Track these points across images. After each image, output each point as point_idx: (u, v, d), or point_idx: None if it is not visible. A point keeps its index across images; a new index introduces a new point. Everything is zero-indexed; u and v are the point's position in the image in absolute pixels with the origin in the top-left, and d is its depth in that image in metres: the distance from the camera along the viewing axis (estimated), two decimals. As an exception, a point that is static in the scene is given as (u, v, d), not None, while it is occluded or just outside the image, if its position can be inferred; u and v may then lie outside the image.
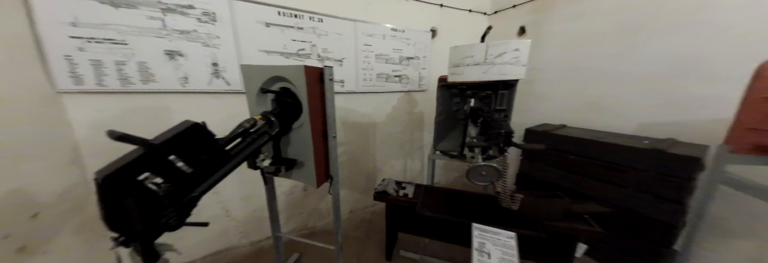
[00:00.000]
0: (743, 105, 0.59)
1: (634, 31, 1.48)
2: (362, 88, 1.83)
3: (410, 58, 2.01)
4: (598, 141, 1.35)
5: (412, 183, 1.37)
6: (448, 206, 1.16)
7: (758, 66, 0.58)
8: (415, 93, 2.14)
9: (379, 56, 1.85)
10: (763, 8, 1.07)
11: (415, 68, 2.06)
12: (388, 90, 1.98)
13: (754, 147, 0.58)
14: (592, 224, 0.94)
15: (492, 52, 1.03)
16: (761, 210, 1.08)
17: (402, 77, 2.01)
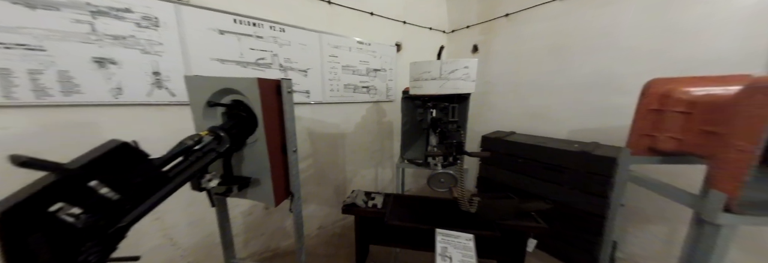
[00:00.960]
0: (636, 115, 0.75)
1: (563, 51, 1.78)
2: (329, 98, 1.82)
3: (377, 70, 2.07)
4: (539, 146, 1.55)
5: (381, 193, 1.37)
6: (416, 213, 1.18)
7: (644, 85, 0.74)
8: (383, 103, 2.20)
9: (346, 67, 1.87)
10: (653, 33, 1.38)
11: (383, 79, 2.13)
12: (357, 100, 1.99)
13: (648, 149, 0.73)
14: (539, 220, 1.05)
15: (445, 69, 1.13)
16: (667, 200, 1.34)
17: (370, 88, 2.06)
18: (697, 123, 0.59)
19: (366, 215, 1.21)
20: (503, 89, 2.20)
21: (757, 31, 1.09)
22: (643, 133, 0.72)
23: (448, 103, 1.32)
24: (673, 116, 0.65)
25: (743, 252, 1.15)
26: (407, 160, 1.42)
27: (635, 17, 1.43)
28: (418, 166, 1.39)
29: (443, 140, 1.07)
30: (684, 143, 0.62)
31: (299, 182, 0.86)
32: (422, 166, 1.37)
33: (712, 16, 1.20)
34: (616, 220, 1.50)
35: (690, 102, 0.62)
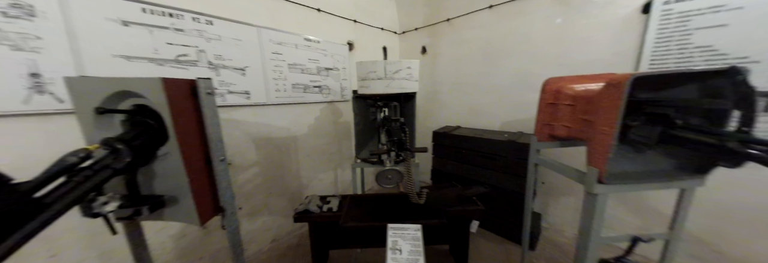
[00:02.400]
0: (539, 108, 0.89)
1: (493, 55, 2.02)
2: (275, 99, 1.68)
3: (329, 69, 2.00)
4: (477, 137, 1.74)
5: (337, 196, 1.34)
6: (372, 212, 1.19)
7: (543, 83, 0.89)
8: (338, 103, 2.14)
9: (293, 66, 1.76)
10: (557, 40, 1.67)
11: (336, 78, 2.07)
12: (309, 101, 1.89)
13: (549, 136, 0.88)
14: (478, 203, 1.17)
15: (390, 69, 1.16)
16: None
17: (322, 88, 1.98)
18: (579, 113, 0.74)
19: (320, 220, 1.17)
20: (449, 87, 2.39)
21: (624, 39, 1.43)
22: (544, 123, 0.87)
23: (397, 102, 1.36)
24: (563, 108, 0.80)
25: (629, 211, 1.51)
26: (362, 159, 1.42)
27: (543, 27, 1.72)
28: (373, 164, 1.40)
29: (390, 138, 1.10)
30: (572, 129, 0.78)
31: (232, 195, 0.77)
32: (377, 164, 1.39)
33: (595, 27, 1.52)
34: (537, 196, 1.81)
35: (573, 96, 0.77)
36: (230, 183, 0.77)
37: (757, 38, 1.11)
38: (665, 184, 0.64)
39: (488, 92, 2.08)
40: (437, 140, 2.06)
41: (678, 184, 0.64)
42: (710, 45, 1.20)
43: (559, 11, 1.64)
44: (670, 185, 0.64)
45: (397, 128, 1.09)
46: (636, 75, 0.55)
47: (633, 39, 1.40)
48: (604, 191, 0.64)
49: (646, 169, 0.67)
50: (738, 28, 1.14)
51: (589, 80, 0.78)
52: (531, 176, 0.96)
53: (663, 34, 1.31)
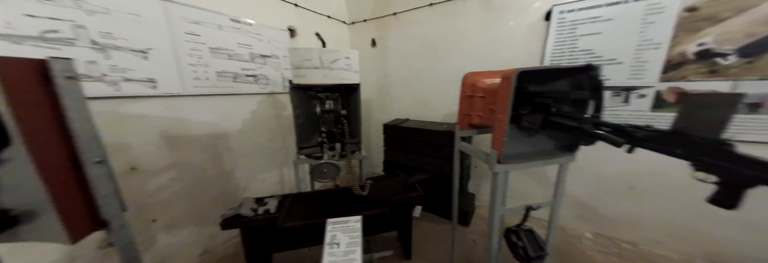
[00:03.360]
0: (460, 100, 0.99)
1: (435, 51, 2.13)
2: (194, 89, 1.43)
3: (266, 56, 1.80)
4: (422, 129, 1.85)
5: (276, 196, 1.25)
6: (317, 209, 1.15)
7: (462, 77, 0.98)
8: (281, 95, 1.97)
9: (217, 51, 1.52)
10: (485, 40, 1.86)
11: (276, 67, 1.88)
12: (241, 92, 1.68)
13: (469, 125, 0.99)
14: (419, 189, 1.26)
15: (326, 58, 1.10)
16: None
17: (259, 77, 1.77)
18: (488, 104, 0.85)
19: (255, 224, 1.08)
20: (398, 81, 2.45)
21: (533, 41, 1.68)
22: (464, 113, 0.97)
23: (339, 93, 1.32)
24: (477, 100, 0.91)
25: (538, 185, 1.84)
26: (305, 155, 1.35)
27: (474, 28, 1.89)
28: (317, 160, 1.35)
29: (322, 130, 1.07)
30: (483, 118, 0.89)
31: (120, 205, 0.63)
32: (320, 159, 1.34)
33: (513, 29, 1.75)
34: (471, 179, 2.06)
35: (484, 89, 0.88)
36: (117, 191, 0.63)
37: (621, 44, 1.44)
38: (547, 161, 0.79)
39: (433, 86, 2.21)
40: (388, 133, 2.11)
41: (556, 161, 0.81)
42: (590, 49, 1.52)
43: (486, 15, 1.83)
44: (551, 162, 0.80)
45: (330, 121, 1.06)
46: (520, 70, 0.64)
47: (539, 41, 1.66)
48: (503, 170, 0.76)
49: (535, 149, 0.82)
50: (609, 36, 1.46)
51: (496, 75, 0.90)
52: (456, 161, 1.08)
53: (559, 38, 1.59)
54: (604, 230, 1.67)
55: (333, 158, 1.21)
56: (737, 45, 1.20)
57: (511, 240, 0.87)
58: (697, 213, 1.35)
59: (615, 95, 1.49)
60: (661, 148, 0.55)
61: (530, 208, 0.84)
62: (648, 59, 1.38)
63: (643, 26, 1.37)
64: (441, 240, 1.64)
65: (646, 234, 1.54)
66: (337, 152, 1.22)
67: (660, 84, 1.37)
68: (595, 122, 0.66)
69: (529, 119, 0.75)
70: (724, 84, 1.24)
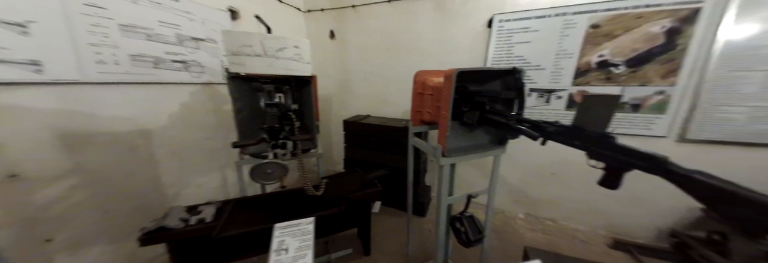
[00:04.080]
0: (412, 97, 1.00)
1: (394, 49, 2.15)
2: (98, 76, 1.15)
3: (199, 39, 1.54)
4: (382, 125, 1.87)
5: (213, 202, 1.09)
6: (266, 214, 1.05)
7: (414, 75, 1.00)
8: (220, 86, 1.71)
9: (129, 29, 1.23)
10: (439, 41, 1.94)
11: (213, 53, 1.63)
12: (166, 81, 1.41)
13: (420, 121, 1.02)
14: (378, 185, 1.26)
15: (271, 46, 0.99)
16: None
17: (189, 64, 1.51)
18: (435, 101, 0.89)
19: (185, 237, 0.92)
20: (359, 76, 2.40)
21: (478, 45, 1.84)
22: (416, 110, 1.00)
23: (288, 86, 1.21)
24: (427, 97, 0.95)
25: (481, 175, 2.04)
26: (250, 154, 1.21)
27: (430, 28, 1.96)
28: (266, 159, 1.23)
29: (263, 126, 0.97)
30: (432, 115, 0.94)
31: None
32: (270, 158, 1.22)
33: (462, 33, 1.87)
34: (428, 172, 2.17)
35: (433, 87, 0.92)
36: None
37: (544, 53, 1.66)
38: (484, 154, 0.88)
39: (393, 83, 2.23)
40: (348, 129, 2.06)
41: (491, 153, 0.90)
42: (522, 55, 1.72)
43: (440, 17, 1.91)
44: (487, 154, 0.89)
45: (274, 116, 0.97)
46: (458, 70, 0.69)
47: (483, 46, 1.82)
48: (447, 162, 0.81)
49: (474, 143, 0.90)
50: (536, 45, 1.67)
51: (441, 74, 0.94)
52: (410, 156, 1.11)
53: (498, 44, 1.77)
54: (533, 211, 1.96)
55: (284, 157, 1.10)
56: (626, 57, 1.50)
57: (455, 226, 0.94)
58: (598, 193, 1.68)
59: (540, 96, 1.73)
60: (565, 140, 0.65)
61: (471, 196, 0.92)
62: (564, 66, 1.64)
63: (561, 38, 1.61)
64: (400, 232, 1.70)
65: (563, 212, 1.86)
66: (289, 150, 1.12)
67: (572, 87, 1.65)
68: (518, 119, 0.75)
69: (468, 116, 0.81)
70: (615, 89, 1.55)
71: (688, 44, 1.37)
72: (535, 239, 1.69)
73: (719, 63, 1.33)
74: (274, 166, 0.81)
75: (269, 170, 0.81)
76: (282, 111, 1.06)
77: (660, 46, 1.42)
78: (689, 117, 1.43)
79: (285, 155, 1.12)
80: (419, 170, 1.83)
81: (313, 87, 1.24)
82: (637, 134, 1.55)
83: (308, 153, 1.34)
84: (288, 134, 0.97)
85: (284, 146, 1.09)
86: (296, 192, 1.19)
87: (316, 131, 1.31)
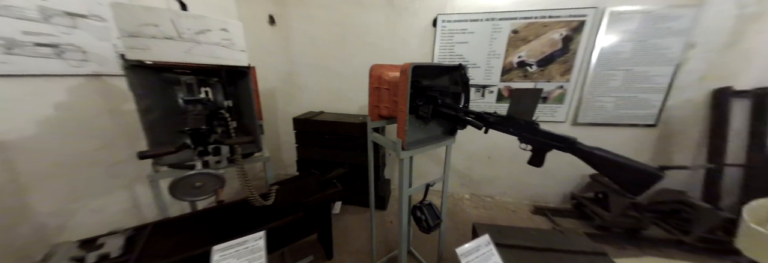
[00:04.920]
0: (369, 92, 0.98)
1: (346, 42, 2.05)
2: None
3: (76, 15, 1.13)
4: (338, 122, 1.79)
5: (121, 231, 0.84)
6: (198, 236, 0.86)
7: (369, 69, 0.97)
8: (115, 78, 1.30)
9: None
10: (389, 37, 1.95)
11: (100, 34, 1.22)
12: (27, 72, 0.99)
13: (378, 116, 1.01)
14: (337, 185, 1.20)
15: (187, 26, 0.80)
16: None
17: (62, 48, 1.10)
18: (392, 96, 0.90)
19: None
20: (309, 69, 2.22)
21: (425, 43, 1.92)
22: (374, 104, 0.99)
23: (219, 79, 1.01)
24: (384, 92, 0.95)
25: (434, 163, 2.19)
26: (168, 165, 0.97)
27: (381, 23, 1.95)
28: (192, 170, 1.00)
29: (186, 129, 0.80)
30: (390, 109, 0.94)
31: None
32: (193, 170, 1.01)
33: (410, 31, 1.93)
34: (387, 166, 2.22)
35: (389, 82, 0.92)
36: None
37: (479, 52, 1.87)
38: (438, 144, 0.94)
39: (347, 77, 2.15)
40: (299, 128, 1.89)
41: (444, 143, 0.97)
42: (462, 54, 1.90)
43: (389, 12, 1.92)
44: (440, 144, 0.96)
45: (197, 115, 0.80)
46: (413, 64, 0.70)
47: (430, 44, 1.93)
48: (407, 155, 0.83)
49: (430, 135, 0.96)
50: (472, 45, 1.87)
51: (397, 69, 0.95)
52: (370, 152, 1.09)
53: (442, 43, 1.91)
54: (476, 190, 2.25)
55: (218, 165, 0.92)
56: (537, 58, 1.82)
57: (416, 215, 0.98)
58: (522, 171, 2.03)
59: (476, 91, 1.96)
60: (502, 128, 0.75)
61: (429, 185, 0.97)
62: (494, 65, 1.89)
63: (491, 40, 1.84)
64: (362, 229, 1.68)
65: (498, 189, 2.19)
66: (225, 156, 0.94)
67: (500, 83, 1.92)
68: (465, 111, 0.82)
69: (423, 110, 0.84)
70: (530, 84, 1.88)
71: (577, 49, 1.76)
72: (479, 215, 1.94)
73: (597, 64, 1.76)
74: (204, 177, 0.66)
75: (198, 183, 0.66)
76: (210, 109, 0.87)
77: (559, 50, 1.78)
78: (578, 106, 1.85)
79: (220, 162, 0.93)
80: (379, 165, 1.84)
81: (251, 80, 1.07)
82: (545, 120, 1.92)
83: (251, 158, 1.16)
84: (221, 137, 0.81)
85: (218, 152, 0.91)
86: (239, 205, 1.02)
87: (259, 132, 1.15)
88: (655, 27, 1.64)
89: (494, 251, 0.75)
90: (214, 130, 0.82)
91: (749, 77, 1.62)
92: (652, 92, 1.75)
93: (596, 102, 1.83)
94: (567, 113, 1.89)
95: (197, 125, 0.68)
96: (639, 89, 1.76)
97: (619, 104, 1.81)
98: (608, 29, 1.68)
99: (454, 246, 0.71)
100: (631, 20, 1.65)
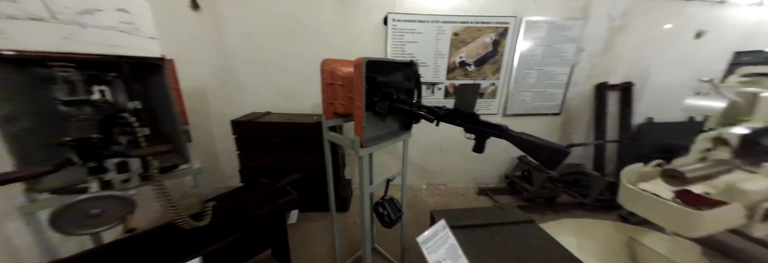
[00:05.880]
0: (322, 88, 0.93)
1: (296, 37, 1.89)
2: None
3: None
4: (288, 122, 1.65)
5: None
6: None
7: (320, 63, 0.92)
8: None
9: None
10: (341, 33, 1.89)
11: None
12: None
13: (334, 114, 0.97)
14: (292, 192, 1.11)
15: (63, 4, 0.60)
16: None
17: None
18: (346, 92, 0.87)
19: None
20: (251, 66, 1.97)
21: (378, 40, 1.94)
22: (328, 102, 0.95)
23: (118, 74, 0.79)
24: (338, 88, 0.91)
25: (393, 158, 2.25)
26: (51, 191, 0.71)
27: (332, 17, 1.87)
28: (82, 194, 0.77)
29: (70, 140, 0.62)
30: (345, 106, 0.92)
31: None
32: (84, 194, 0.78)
33: (362, 28, 1.91)
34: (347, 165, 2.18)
35: (342, 77, 0.89)
36: None
37: (427, 52, 2.00)
38: (396, 139, 0.96)
39: (298, 75, 1.99)
40: (241, 132, 1.66)
41: (401, 138, 1.00)
42: (412, 53, 2.00)
43: (339, 6, 1.85)
44: (398, 139, 0.99)
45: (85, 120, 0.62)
46: (366, 59, 0.69)
47: (382, 42, 1.96)
48: (366, 153, 0.83)
49: (387, 131, 0.97)
50: (421, 45, 1.98)
51: (350, 64, 0.93)
52: (327, 152, 1.05)
53: (394, 42, 1.96)
54: (431, 180, 2.42)
55: (125, 184, 0.71)
56: (474, 59, 2.05)
57: (378, 211, 0.99)
58: (468, 159, 2.28)
59: (427, 88, 2.11)
60: (451, 121, 0.82)
61: (389, 180, 0.99)
62: (440, 65, 2.05)
63: (437, 41, 1.99)
64: (324, 234, 1.61)
65: (449, 177, 2.41)
66: (135, 172, 0.73)
67: (446, 81, 2.10)
68: (418, 106, 0.86)
69: (380, 106, 0.84)
70: (470, 82, 2.11)
71: (504, 52, 2.05)
72: (435, 202, 2.10)
73: (518, 65, 2.08)
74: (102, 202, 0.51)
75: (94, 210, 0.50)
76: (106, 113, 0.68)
77: (491, 52, 2.05)
78: (507, 100, 2.18)
79: (128, 181, 0.73)
80: (338, 165, 1.78)
81: (168, 76, 0.87)
82: (483, 113, 2.20)
83: (174, 172, 0.96)
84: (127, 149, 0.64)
85: (124, 169, 0.70)
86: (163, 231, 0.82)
87: (183, 140, 0.96)
88: (557, 35, 2.04)
89: (450, 234, 0.81)
90: (113, 139, 0.64)
91: (618, 74, 2.19)
92: (556, 87, 2.19)
93: (519, 96, 2.18)
94: (499, 106, 2.20)
95: (84, 133, 0.51)
96: (548, 85, 2.17)
97: (534, 98, 2.20)
98: (525, 35, 2.02)
99: (416, 236, 0.75)
100: (541, 28, 2.01)
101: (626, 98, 2.21)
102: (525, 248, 0.88)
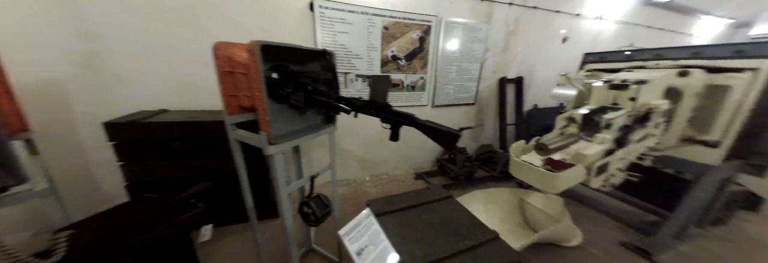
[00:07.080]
0: (219, 78, 0.80)
1: (192, 13, 1.54)
2: None
3: None
4: (194, 121, 1.36)
5: None
6: None
7: (212, 48, 0.77)
8: None
9: None
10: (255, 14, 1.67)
11: None
12: None
13: (239, 108, 0.85)
14: (198, 205, 0.95)
15: None
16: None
17: None
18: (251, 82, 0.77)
19: None
20: (134, 50, 1.52)
21: (304, 28, 1.78)
22: (229, 94, 0.82)
23: None
24: (240, 77, 0.80)
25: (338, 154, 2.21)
26: None
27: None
28: None
29: None
30: (251, 98, 0.81)
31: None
32: None
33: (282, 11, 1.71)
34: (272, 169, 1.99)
35: (243, 64, 0.77)
36: None
37: (360, 44, 1.97)
38: (318, 134, 0.93)
39: (200, 63, 1.64)
40: (120, 137, 1.29)
41: (325, 132, 0.97)
42: (344, 44, 1.94)
43: None
44: (320, 134, 0.95)
45: None
46: (261, 43, 0.62)
47: (310, 30, 1.82)
48: (276, 150, 0.77)
49: (307, 125, 0.93)
50: (353, 36, 1.93)
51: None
52: (236, 153, 0.92)
53: (324, 31, 1.85)
54: (374, 171, 2.52)
55: None
56: (404, 54, 2.15)
57: (303, 211, 0.96)
58: (406, 147, 2.46)
59: (363, 81, 2.11)
60: (368, 111, 0.84)
61: (313, 177, 0.97)
62: (374, 57, 2.07)
63: (368, 34, 1.98)
64: (249, 248, 1.43)
65: (391, 166, 2.55)
66: None
67: (381, 74, 2.14)
68: (337, 98, 0.85)
69: (294, 98, 0.78)
70: (402, 76, 2.22)
71: (429, 48, 2.22)
72: (377, 192, 2.20)
73: (441, 60, 2.30)
74: None
75: None
76: None
77: (418, 48, 2.18)
78: (434, 93, 2.40)
79: None
80: (265, 167, 1.60)
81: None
82: (414, 105, 2.36)
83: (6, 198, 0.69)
84: None
85: None
86: None
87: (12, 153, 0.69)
88: (470, 35, 2.32)
89: (374, 221, 0.86)
90: None
91: (513, 70, 2.69)
92: (471, 81, 2.53)
93: (444, 89, 2.44)
94: (428, 98, 2.41)
95: None
96: (465, 79, 2.49)
97: (456, 90, 2.50)
98: (445, 34, 2.22)
99: (355, 229, 0.75)
100: (458, 29, 2.25)
101: (519, 89, 2.76)
102: (444, 220, 0.97)
